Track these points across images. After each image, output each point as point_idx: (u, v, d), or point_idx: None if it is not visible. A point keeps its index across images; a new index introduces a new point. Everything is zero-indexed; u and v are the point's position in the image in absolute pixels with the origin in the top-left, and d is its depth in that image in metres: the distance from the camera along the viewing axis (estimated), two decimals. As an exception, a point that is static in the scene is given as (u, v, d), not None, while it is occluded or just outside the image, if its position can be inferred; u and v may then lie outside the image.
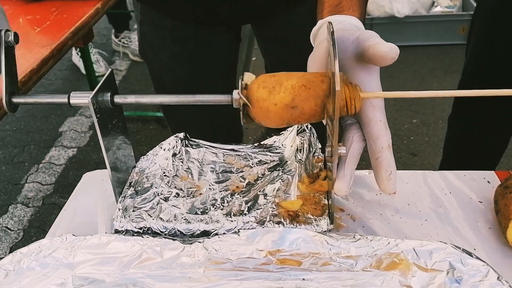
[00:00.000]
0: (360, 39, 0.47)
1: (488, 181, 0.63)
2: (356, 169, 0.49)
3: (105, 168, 0.57)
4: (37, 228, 1.70)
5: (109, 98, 0.53)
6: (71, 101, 0.52)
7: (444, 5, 2.55)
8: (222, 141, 0.68)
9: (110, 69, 0.56)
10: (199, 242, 0.51)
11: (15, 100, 0.53)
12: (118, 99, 0.54)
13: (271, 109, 0.46)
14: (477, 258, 0.46)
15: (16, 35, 0.51)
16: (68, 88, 2.52)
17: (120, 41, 2.75)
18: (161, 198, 0.58)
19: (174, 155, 0.65)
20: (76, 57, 2.62)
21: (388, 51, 0.43)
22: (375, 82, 0.48)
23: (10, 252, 1.58)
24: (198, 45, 0.86)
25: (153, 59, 0.90)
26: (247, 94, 0.48)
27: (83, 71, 2.59)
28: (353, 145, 0.47)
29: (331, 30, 0.45)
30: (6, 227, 1.71)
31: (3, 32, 0.51)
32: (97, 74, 2.27)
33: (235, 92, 0.49)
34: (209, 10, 0.80)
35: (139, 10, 0.86)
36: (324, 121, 0.51)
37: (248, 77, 0.49)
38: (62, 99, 0.52)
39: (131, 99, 0.54)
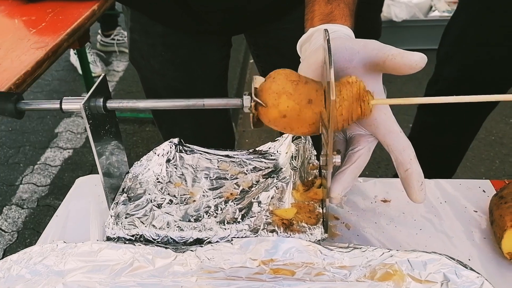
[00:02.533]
0: (371, 48, 0.46)
1: (484, 190, 0.63)
2: None
3: (100, 172, 0.56)
4: (31, 230, 1.69)
5: (101, 104, 0.53)
6: (63, 107, 0.51)
7: (442, 10, 2.56)
8: (214, 146, 0.68)
9: (103, 74, 0.56)
10: (191, 250, 0.50)
11: (50, 106, 0.52)
12: (111, 104, 0.53)
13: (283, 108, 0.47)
14: (472, 269, 0.46)
15: None
16: (65, 89, 2.51)
17: (113, 39, 2.73)
18: (154, 205, 0.58)
19: (168, 161, 0.64)
20: (73, 57, 2.61)
21: (419, 60, 0.43)
22: (382, 91, 0.48)
23: (4, 254, 1.58)
24: (189, 51, 0.85)
25: (144, 66, 0.89)
26: (258, 114, 0.48)
27: (80, 72, 2.58)
28: (360, 157, 0.48)
29: (327, 38, 0.45)
30: (0, 229, 1.69)
31: None
32: (93, 74, 2.26)
33: (245, 97, 0.49)
34: (200, 21, 0.79)
35: (129, 17, 0.85)
36: (319, 130, 0.51)
37: (258, 81, 0.49)
38: (54, 104, 0.51)
39: (124, 104, 0.53)
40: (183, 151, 0.66)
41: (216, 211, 0.57)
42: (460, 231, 0.57)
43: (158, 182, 0.61)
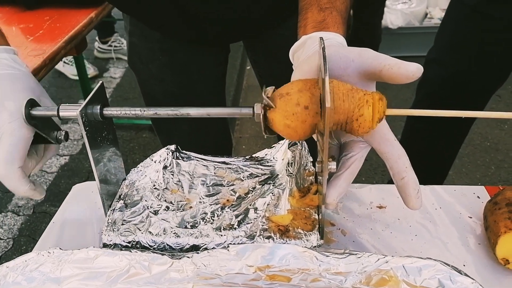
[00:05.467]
0: (366, 57, 0.47)
1: (478, 196, 0.63)
2: None
3: (97, 178, 0.57)
4: (27, 237, 1.68)
5: (98, 111, 0.53)
6: (60, 114, 0.52)
7: (437, 17, 2.58)
8: (212, 152, 0.68)
9: (100, 82, 0.56)
10: (188, 257, 0.50)
11: (46, 113, 0.54)
12: (107, 111, 0.54)
13: (294, 109, 0.47)
14: (466, 275, 0.46)
15: (66, 133, 0.57)
16: (62, 96, 2.51)
17: (110, 46, 2.74)
18: (150, 212, 0.58)
19: (164, 167, 0.64)
20: (60, 63, 2.60)
21: (416, 70, 0.44)
22: None
23: (0, 261, 1.57)
24: (187, 56, 0.86)
25: (142, 70, 0.89)
26: (268, 122, 0.48)
27: (70, 77, 2.59)
28: (354, 163, 0.49)
29: (323, 46, 0.45)
30: (-4, 236, 1.69)
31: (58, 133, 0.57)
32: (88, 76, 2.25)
33: (256, 106, 0.49)
34: (197, 31, 0.80)
35: (129, 21, 0.86)
36: (314, 137, 0.51)
37: (269, 91, 0.49)
38: (51, 111, 0.52)
39: (121, 111, 0.54)
40: (180, 158, 0.66)
41: (212, 218, 0.57)
42: (455, 237, 0.58)
43: (155, 188, 0.61)
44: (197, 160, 0.67)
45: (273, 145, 0.68)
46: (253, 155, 0.68)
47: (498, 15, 1.03)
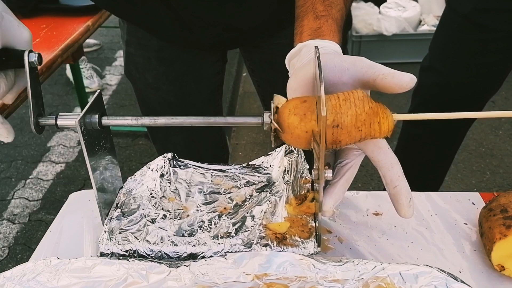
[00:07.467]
0: (361, 66, 0.48)
1: (473, 203, 0.64)
2: None
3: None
4: (22, 245, 1.67)
5: (97, 120, 0.53)
6: (59, 123, 0.52)
7: (431, 24, 2.61)
8: (208, 161, 0.68)
9: (98, 91, 0.56)
10: (185, 265, 0.50)
11: (42, 122, 0.53)
12: (106, 120, 0.54)
13: (302, 136, 0.47)
14: (462, 281, 0.47)
15: (40, 56, 0.50)
16: (58, 103, 2.51)
17: None
18: (148, 220, 0.58)
19: (161, 175, 0.64)
20: (69, 71, 2.61)
21: (409, 80, 0.45)
22: None
23: (-6, 270, 1.55)
24: (184, 65, 0.86)
25: (139, 80, 0.90)
26: (278, 119, 0.48)
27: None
28: (349, 170, 0.50)
29: (318, 55, 0.46)
30: (-9, 245, 1.68)
31: (26, 53, 0.49)
32: (89, 90, 2.27)
33: (265, 115, 0.49)
34: (194, 36, 0.80)
35: (125, 30, 0.87)
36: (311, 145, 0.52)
37: (279, 100, 0.49)
38: (49, 120, 0.52)
39: (119, 121, 0.54)
40: (177, 166, 0.67)
41: (209, 226, 0.57)
42: (450, 243, 0.58)
43: (152, 197, 0.61)
44: (194, 168, 0.67)
45: (270, 153, 0.69)
46: (250, 163, 0.68)
47: (491, 26, 1.04)
